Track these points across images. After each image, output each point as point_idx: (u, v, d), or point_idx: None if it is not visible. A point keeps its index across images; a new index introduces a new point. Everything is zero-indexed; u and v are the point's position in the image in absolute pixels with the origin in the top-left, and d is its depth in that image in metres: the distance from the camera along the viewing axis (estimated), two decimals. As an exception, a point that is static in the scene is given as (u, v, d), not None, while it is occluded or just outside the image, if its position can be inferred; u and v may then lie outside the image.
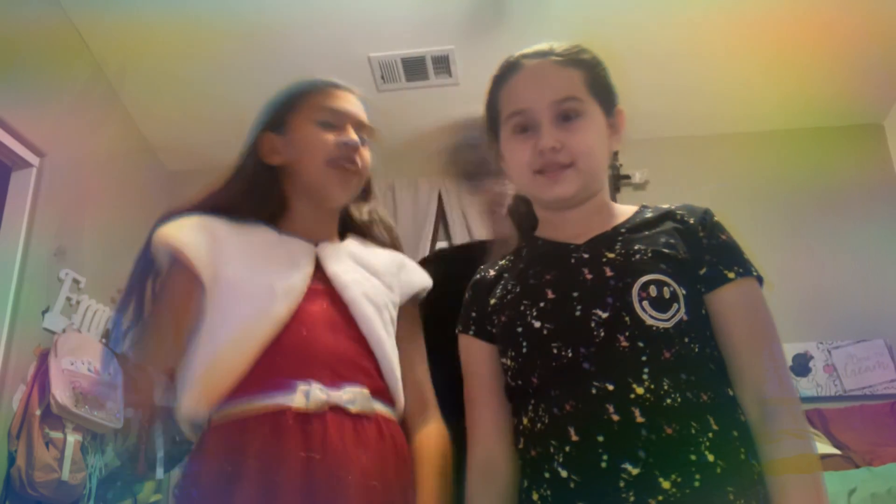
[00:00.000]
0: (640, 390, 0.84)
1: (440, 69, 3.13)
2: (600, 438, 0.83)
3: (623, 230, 0.99)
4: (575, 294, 0.92)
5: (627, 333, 0.87)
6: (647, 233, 0.97)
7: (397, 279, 1.17)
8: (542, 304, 0.94)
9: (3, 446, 2.25)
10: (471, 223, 3.36)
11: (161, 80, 3.14)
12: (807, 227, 3.27)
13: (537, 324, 0.93)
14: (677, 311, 0.88)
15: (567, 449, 0.85)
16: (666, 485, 0.80)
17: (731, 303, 0.92)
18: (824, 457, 2.33)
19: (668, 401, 0.84)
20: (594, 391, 0.85)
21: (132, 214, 3.30)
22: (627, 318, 0.88)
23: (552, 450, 0.86)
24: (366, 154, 1.17)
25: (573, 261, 0.96)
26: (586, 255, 0.96)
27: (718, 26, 2.85)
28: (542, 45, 1.08)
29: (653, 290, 0.89)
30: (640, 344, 0.87)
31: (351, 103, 1.19)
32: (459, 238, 3.38)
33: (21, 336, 2.40)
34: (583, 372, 0.87)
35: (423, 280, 1.22)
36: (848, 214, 3.30)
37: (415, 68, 3.12)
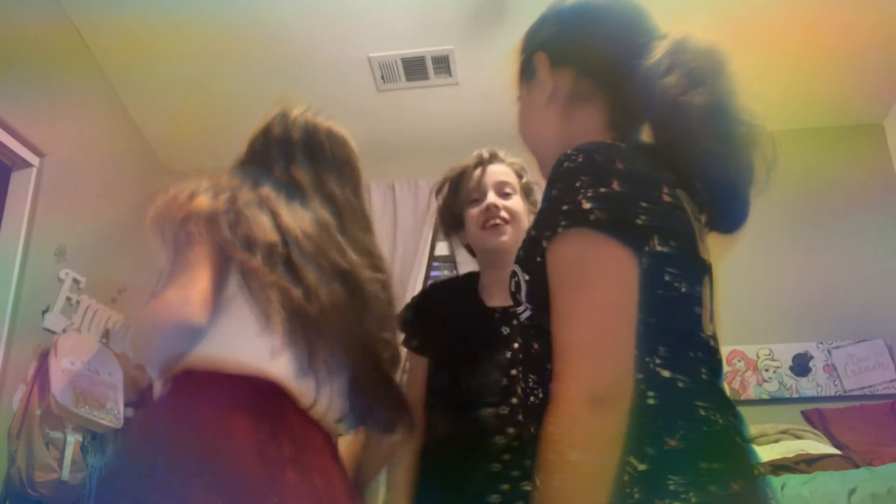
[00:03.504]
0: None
1: (440, 69, 3.13)
2: None
3: None
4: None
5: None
6: None
7: None
8: None
9: (3, 446, 2.25)
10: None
11: (161, 80, 3.14)
12: (806, 227, 3.26)
13: None
14: None
15: None
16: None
17: None
18: (824, 457, 2.33)
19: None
20: None
21: (132, 215, 3.31)
22: None
23: None
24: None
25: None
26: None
27: (717, 26, 2.85)
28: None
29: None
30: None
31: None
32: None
33: (21, 336, 2.40)
34: None
35: None
36: (848, 214, 3.30)
37: (415, 68, 3.12)
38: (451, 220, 1.61)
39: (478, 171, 1.57)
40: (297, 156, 1.30)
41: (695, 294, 0.83)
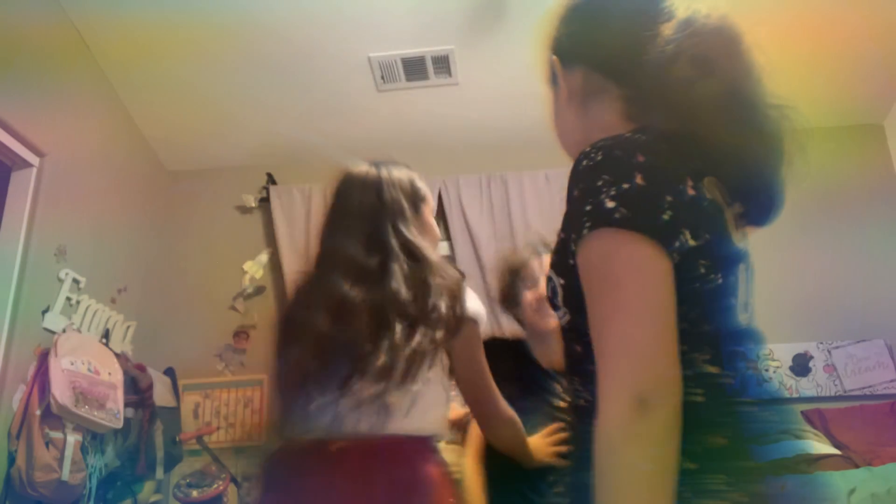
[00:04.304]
0: None
1: (440, 69, 3.13)
2: None
3: None
4: None
5: None
6: None
7: None
8: None
9: (3, 446, 2.25)
10: (470, 223, 3.37)
11: (161, 80, 3.14)
12: (807, 227, 3.27)
13: None
14: None
15: None
16: None
17: None
18: (824, 457, 2.33)
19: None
20: None
21: (132, 214, 3.31)
22: None
23: None
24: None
25: None
26: None
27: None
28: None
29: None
30: None
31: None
32: (459, 238, 3.38)
33: (21, 336, 2.40)
34: None
35: None
36: (848, 214, 3.30)
37: (415, 68, 3.12)
38: (509, 301, 1.86)
39: (534, 260, 1.79)
40: None
41: (730, 284, 0.81)
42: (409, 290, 1.31)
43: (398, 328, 1.27)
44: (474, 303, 1.42)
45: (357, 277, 1.33)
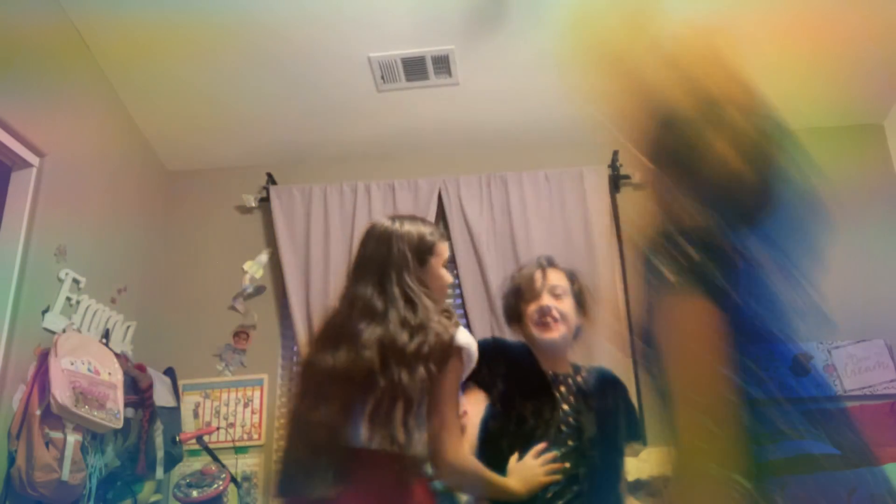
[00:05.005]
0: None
1: (440, 69, 3.13)
2: None
3: None
4: None
5: None
6: None
7: None
8: None
9: (3, 446, 2.25)
10: (470, 223, 3.37)
11: (161, 80, 3.14)
12: (807, 227, 3.26)
13: None
14: None
15: None
16: None
17: None
18: (824, 457, 2.33)
19: None
20: None
21: (132, 214, 3.31)
22: None
23: None
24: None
25: None
26: None
27: (718, 28, 2.85)
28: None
29: None
30: None
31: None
32: (459, 238, 3.38)
33: (21, 336, 2.40)
34: None
35: None
36: (848, 214, 3.29)
37: (415, 68, 3.12)
38: (513, 314, 1.93)
39: (537, 275, 1.87)
40: None
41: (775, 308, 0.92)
42: (403, 330, 1.52)
43: (392, 364, 1.48)
44: (464, 336, 1.56)
45: (370, 317, 1.56)
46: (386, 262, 1.64)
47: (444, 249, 1.72)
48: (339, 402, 1.49)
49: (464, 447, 1.55)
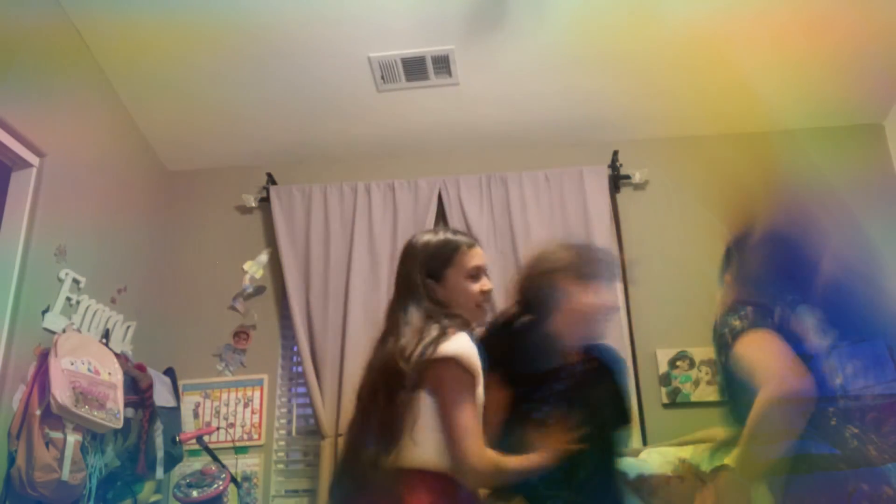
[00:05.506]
0: None
1: (440, 69, 3.13)
2: None
3: None
4: None
5: None
6: None
7: None
8: None
9: (3, 446, 2.25)
10: (470, 223, 3.37)
11: (161, 80, 3.14)
12: (807, 227, 3.26)
13: None
14: None
15: None
16: None
17: None
18: (824, 457, 2.32)
19: None
20: None
21: (132, 214, 3.31)
22: None
23: None
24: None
25: None
26: None
27: (718, 27, 2.85)
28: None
29: None
30: None
31: (482, 258, 1.80)
32: (459, 238, 3.37)
33: (21, 336, 2.40)
34: None
35: None
36: (848, 214, 3.29)
37: (415, 68, 3.12)
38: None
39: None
40: None
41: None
42: (393, 354, 1.58)
43: (379, 387, 1.57)
44: (452, 346, 1.56)
45: (382, 339, 1.68)
46: (399, 283, 1.74)
47: (466, 260, 1.73)
48: (354, 416, 1.64)
49: (483, 449, 1.54)
